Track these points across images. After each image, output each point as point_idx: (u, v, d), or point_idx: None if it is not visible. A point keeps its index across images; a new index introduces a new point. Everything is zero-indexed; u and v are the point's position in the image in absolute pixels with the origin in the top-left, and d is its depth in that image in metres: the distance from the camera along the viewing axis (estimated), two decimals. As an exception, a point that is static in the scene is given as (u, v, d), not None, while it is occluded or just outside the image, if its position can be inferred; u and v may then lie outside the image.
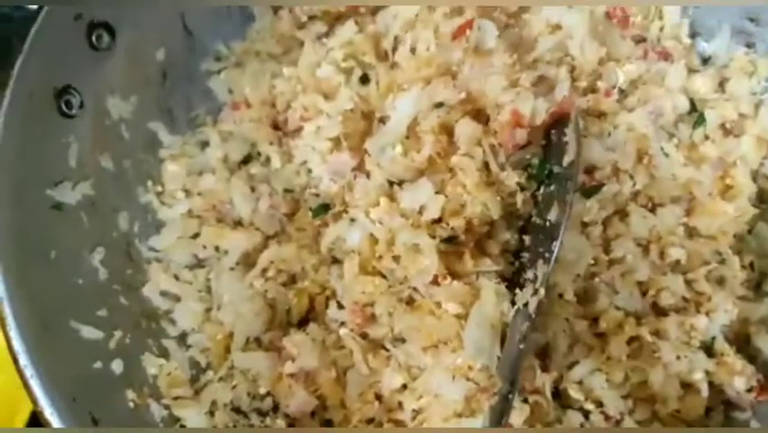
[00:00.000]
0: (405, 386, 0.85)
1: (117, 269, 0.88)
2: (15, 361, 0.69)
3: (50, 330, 0.74)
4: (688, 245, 0.88)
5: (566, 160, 0.80)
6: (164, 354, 0.88)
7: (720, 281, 0.88)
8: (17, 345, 0.69)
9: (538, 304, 0.77)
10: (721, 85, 0.97)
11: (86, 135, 0.88)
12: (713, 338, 0.85)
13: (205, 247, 0.98)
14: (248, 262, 0.97)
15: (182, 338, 0.92)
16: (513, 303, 0.83)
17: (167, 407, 0.84)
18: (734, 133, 0.94)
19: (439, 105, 0.93)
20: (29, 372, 0.69)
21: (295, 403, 0.88)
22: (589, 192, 0.85)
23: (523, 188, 0.88)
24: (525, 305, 0.79)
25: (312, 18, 1.06)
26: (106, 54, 0.90)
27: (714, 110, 0.93)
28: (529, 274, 0.83)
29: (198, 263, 0.98)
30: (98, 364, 0.78)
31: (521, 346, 0.75)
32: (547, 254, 0.79)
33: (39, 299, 0.74)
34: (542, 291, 0.76)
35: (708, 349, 0.84)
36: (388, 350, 0.88)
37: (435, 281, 0.87)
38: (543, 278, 0.77)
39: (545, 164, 0.86)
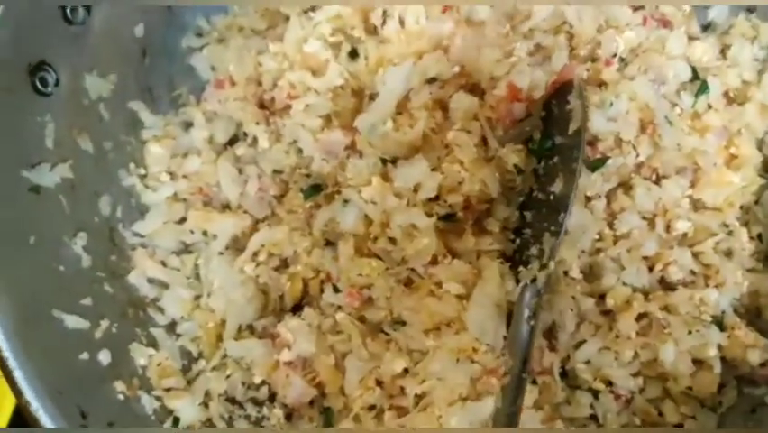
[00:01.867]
0: (406, 370, 0.82)
1: (101, 255, 0.84)
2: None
3: (32, 320, 0.69)
4: (694, 218, 0.85)
5: (571, 128, 0.76)
6: (153, 343, 0.84)
7: (728, 254, 0.86)
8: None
9: (547, 277, 0.73)
10: (723, 52, 0.94)
11: (64, 115, 0.83)
12: (723, 312, 0.82)
13: (192, 232, 0.94)
14: (237, 246, 0.94)
15: (171, 327, 0.88)
16: (517, 281, 0.80)
17: (158, 398, 0.80)
18: (737, 101, 0.91)
19: (432, 80, 0.89)
20: (12, 363, 0.65)
21: (292, 393, 0.84)
22: (594, 165, 0.82)
23: (520, 171, 0.85)
24: (533, 280, 0.75)
25: (298, -9, 1.02)
26: (82, 29, 0.85)
27: (716, 78, 0.90)
28: (533, 250, 0.80)
29: (186, 249, 0.94)
30: (84, 355, 0.74)
31: (531, 323, 0.72)
32: (553, 227, 0.75)
33: (19, 287, 0.70)
34: (552, 265, 0.73)
35: (719, 323, 0.82)
36: (387, 334, 0.85)
37: (434, 261, 0.84)
38: (551, 251, 0.74)
39: (547, 138, 0.83)
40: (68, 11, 0.83)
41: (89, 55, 0.87)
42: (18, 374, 0.65)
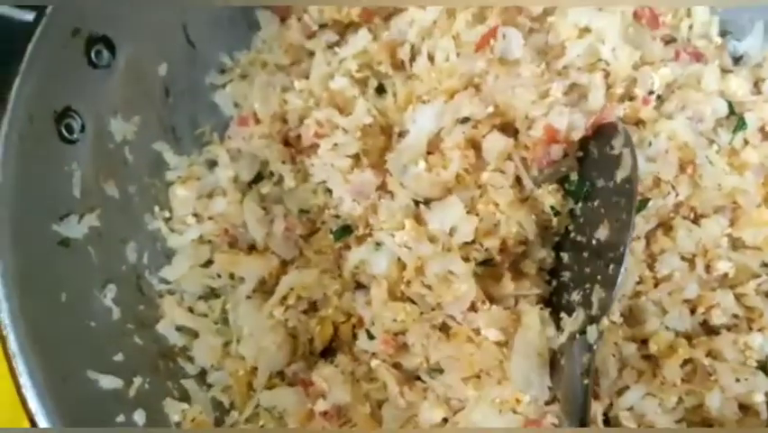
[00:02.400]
0: (446, 420, 0.80)
1: (129, 306, 0.82)
2: (33, 423, 0.62)
3: (68, 384, 0.67)
4: (734, 257, 0.84)
5: (619, 175, 0.75)
6: (185, 396, 0.82)
7: (770, 295, 0.84)
8: (33, 405, 0.63)
9: (600, 334, 0.71)
10: (756, 85, 0.93)
11: (89, 161, 0.81)
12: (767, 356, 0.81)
13: (219, 276, 0.91)
14: (265, 289, 0.92)
15: (202, 377, 0.86)
16: (557, 327, 0.78)
17: (194, 456, 0.78)
18: (773, 136, 0.90)
19: (465, 119, 0.87)
20: (49, 434, 0.63)
21: (329, 444, 0.82)
22: (636, 208, 0.80)
23: (557, 213, 0.83)
24: (582, 333, 0.73)
25: (322, 26, 1.00)
26: (106, 72, 0.83)
27: (752, 112, 0.89)
28: (575, 296, 0.78)
29: (212, 293, 0.92)
30: (121, 418, 0.72)
31: (585, 382, 0.70)
32: (600, 276, 0.74)
33: (54, 350, 0.67)
34: (605, 321, 0.71)
35: (764, 368, 0.80)
36: (424, 382, 0.83)
37: (472, 307, 0.82)
38: (601, 304, 0.72)
39: (585, 179, 0.81)
40: (92, 54, 0.81)
41: (114, 97, 0.86)
42: (55, 444, 0.63)
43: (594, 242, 0.77)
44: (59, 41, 0.77)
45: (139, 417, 0.74)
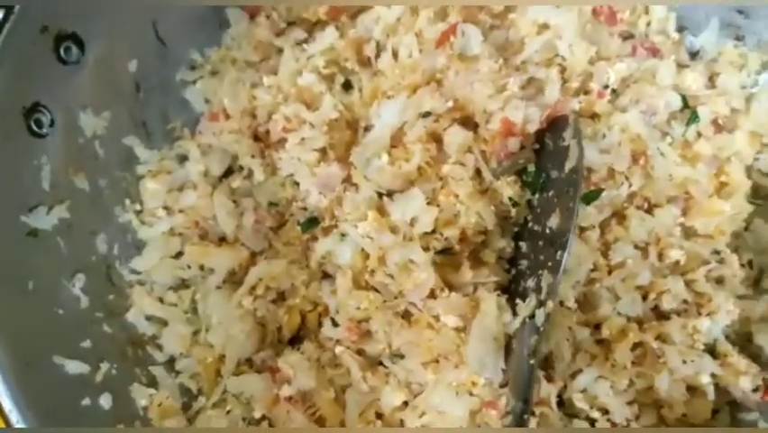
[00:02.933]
0: (406, 403, 0.83)
1: (99, 295, 0.84)
2: (-2, 406, 0.64)
3: (33, 368, 0.70)
4: (686, 246, 0.87)
5: (567, 166, 0.77)
6: (153, 382, 0.85)
7: (720, 281, 0.87)
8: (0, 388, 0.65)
9: (546, 316, 0.74)
10: (711, 79, 0.95)
11: (59, 155, 0.83)
12: (715, 340, 0.84)
13: (189, 267, 0.94)
14: (235, 279, 0.94)
15: (170, 364, 0.88)
16: (514, 313, 0.81)
17: (160, 439, 0.81)
18: (726, 128, 0.93)
19: (426, 114, 0.90)
20: (14, 417, 0.65)
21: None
22: (588, 198, 0.83)
23: (515, 204, 0.86)
24: (532, 317, 0.76)
25: (291, 24, 1.02)
26: (76, 68, 0.85)
27: (706, 106, 0.91)
28: (530, 283, 0.81)
29: (183, 284, 0.94)
30: (87, 401, 0.74)
31: (531, 362, 0.73)
32: (550, 263, 0.76)
33: (20, 335, 0.70)
34: (550, 304, 0.74)
35: (712, 351, 0.83)
36: (386, 367, 0.85)
37: (432, 294, 0.85)
38: (549, 289, 0.75)
39: (541, 171, 0.84)
40: (61, 51, 0.83)
41: (83, 93, 0.87)
42: (20, 425, 0.65)
43: (548, 230, 0.80)
44: (27, 38, 0.78)
45: (105, 401, 0.76)
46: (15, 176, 0.77)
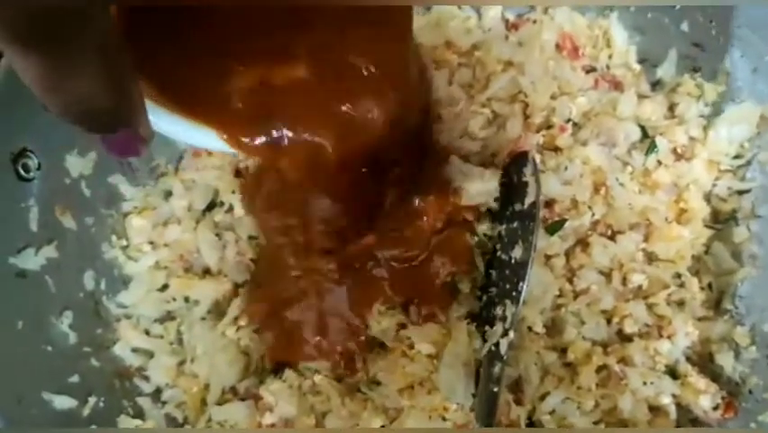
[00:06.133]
0: (383, 427, 0.87)
1: (86, 330, 0.88)
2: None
3: (23, 405, 0.73)
4: (648, 270, 0.91)
5: (526, 201, 0.81)
6: (139, 413, 0.88)
7: (680, 304, 0.91)
8: (-7, 426, 0.69)
9: (509, 344, 0.78)
10: (671, 109, 1.00)
11: (46, 196, 0.86)
12: (676, 361, 0.88)
13: (174, 299, 0.97)
14: (219, 310, 0.98)
15: (157, 394, 0.92)
16: (484, 339, 0.85)
17: (147, 469, 0.84)
18: (685, 156, 0.96)
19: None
20: (3, 453, 0.68)
21: (275, 454, 0.88)
22: (552, 229, 0.87)
23: (490, 237, 0.90)
24: (497, 345, 0.80)
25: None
26: (62, 112, 0.89)
27: (664, 136, 0.95)
28: (498, 311, 0.84)
29: (168, 316, 0.98)
30: (74, 435, 0.78)
31: (495, 389, 0.77)
32: (514, 293, 0.80)
33: (10, 373, 0.73)
34: (511, 334, 0.78)
35: (672, 372, 0.87)
36: (364, 393, 0.89)
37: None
38: (511, 318, 0.79)
39: (506, 204, 0.88)
40: (48, 98, 0.86)
41: (70, 135, 0.90)
42: (11, 460, 0.69)
43: (513, 260, 0.84)
44: (15, 86, 0.82)
45: (92, 434, 0.80)
46: (3, 219, 0.80)
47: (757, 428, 0.82)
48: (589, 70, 1.02)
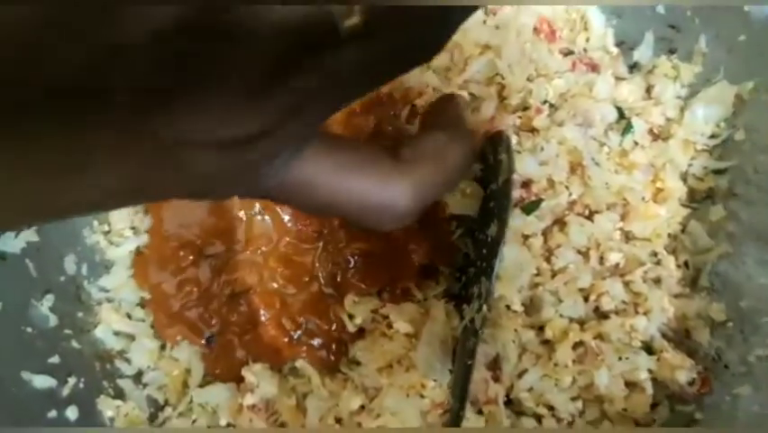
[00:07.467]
0: (363, 407, 0.88)
1: (68, 313, 0.88)
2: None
3: (2, 384, 0.73)
4: (625, 249, 0.91)
5: (500, 179, 0.82)
6: (120, 394, 0.89)
7: (657, 281, 0.91)
8: (-32, 402, 0.69)
9: (483, 319, 0.79)
10: (648, 91, 1.00)
11: (27, 181, 0.87)
12: (652, 337, 0.88)
13: (155, 284, 0.98)
14: (201, 294, 0.98)
15: (138, 377, 0.92)
16: (462, 318, 0.86)
17: (127, 449, 0.85)
18: (661, 137, 0.97)
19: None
20: (-20, 429, 0.69)
21: (256, 434, 0.89)
22: (529, 208, 0.88)
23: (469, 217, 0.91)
24: (472, 321, 0.81)
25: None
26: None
27: (641, 116, 0.96)
28: (474, 289, 0.85)
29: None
30: (53, 413, 0.78)
31: (468, 363, 0.78)
32: (489, 270, 0.81)
33: (-12, 355, 0.74)
34: (485, 308, 0.79)
35: (648, 348, 0.88)
36: (344, 373, 0.90)
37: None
38: (486, 294, 0.80)
39: (483, 183, 0.89)
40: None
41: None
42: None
43: (489, 238, 0.84)
44: None
45: (71, 413, 0.80)
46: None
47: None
48: (567, 53, 1.03)
